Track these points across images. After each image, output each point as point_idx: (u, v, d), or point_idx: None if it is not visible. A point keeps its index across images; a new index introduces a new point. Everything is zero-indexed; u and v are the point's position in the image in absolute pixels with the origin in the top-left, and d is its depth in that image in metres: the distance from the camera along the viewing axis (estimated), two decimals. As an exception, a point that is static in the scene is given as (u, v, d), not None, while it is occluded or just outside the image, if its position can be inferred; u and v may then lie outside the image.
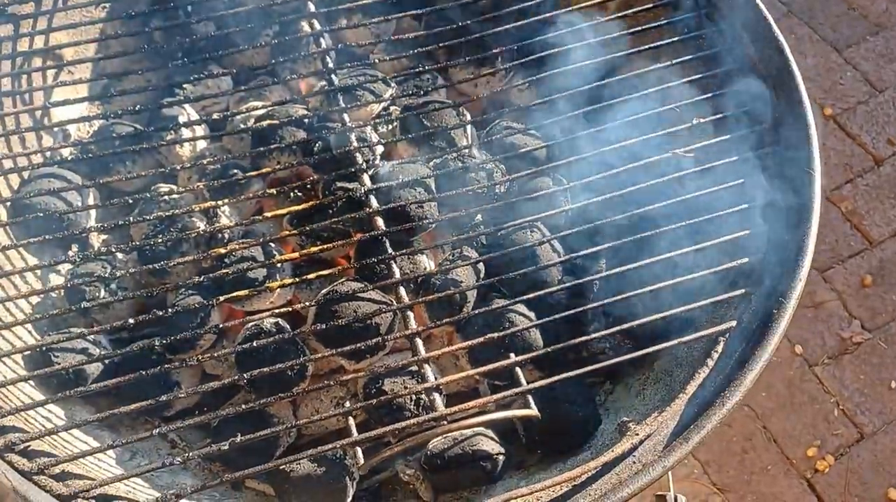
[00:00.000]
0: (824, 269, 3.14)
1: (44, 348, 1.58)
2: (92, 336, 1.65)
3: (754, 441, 2.81)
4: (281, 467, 1.45)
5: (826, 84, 3.59)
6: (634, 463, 1.38)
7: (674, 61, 1.81)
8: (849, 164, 3.38)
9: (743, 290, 1.53)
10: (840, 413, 2.86)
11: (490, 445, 1.55)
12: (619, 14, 1.91)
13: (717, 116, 1.71)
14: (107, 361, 1.64)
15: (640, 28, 1.88)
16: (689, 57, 1.83)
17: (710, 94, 1.74)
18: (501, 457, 1.56)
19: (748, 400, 2.84)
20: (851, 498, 2.70)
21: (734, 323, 1.50)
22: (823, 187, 3.24)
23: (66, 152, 1.83)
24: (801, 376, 2.92)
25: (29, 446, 1.40)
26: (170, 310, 1.55)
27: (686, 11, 1.92)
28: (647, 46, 1.87)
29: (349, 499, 1.54)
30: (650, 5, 1.93)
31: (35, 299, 1.79)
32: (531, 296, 1.57)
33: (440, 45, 1.84)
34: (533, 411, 1.40)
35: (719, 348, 1.49)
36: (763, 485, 2.73)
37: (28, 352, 1.58)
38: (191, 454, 1.39)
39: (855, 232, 3.22)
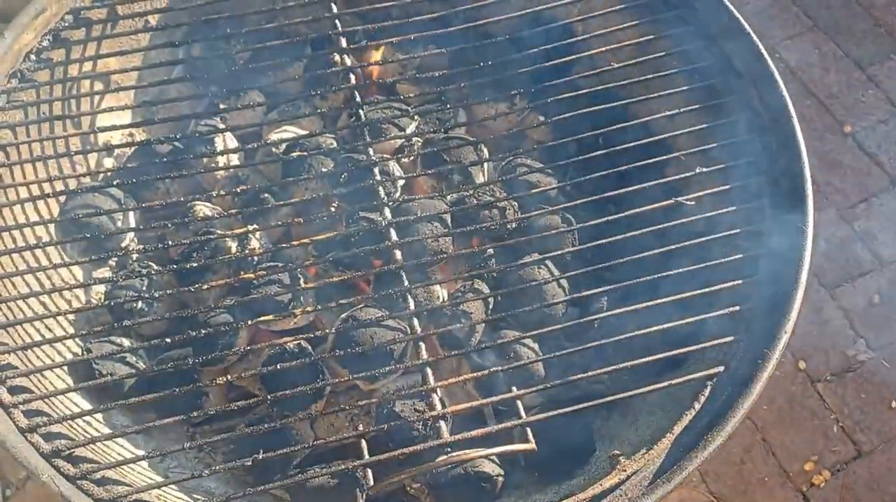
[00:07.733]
0: (833, 287, 3.18)
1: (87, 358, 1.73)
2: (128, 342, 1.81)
3: (753, 452, 2.86)
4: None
5: (848, 101, 3.60)
6: (621, 496, 1.50)
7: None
8: (864, 184, 3.42)
9: (732, 337, 1.63)
10: (839, 429, 2.89)
11: (490, 467, 1.69)
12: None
13: (720, 166, 1.80)
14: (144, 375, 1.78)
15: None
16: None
17: (714, 144, 1.84)
18: (500, 479, 1.69)
19: (750, 413, 2.92)
20: (845, 514, 2.77)
21: (722, 368, 1.61)
22: (838, 205, 3.36)
23: (110, 173, 1.97)
24: (802, 391, 2.97)
25: (73, 452, 1.55)
26: (202, 329, 1.68)
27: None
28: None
29: (359, 509, 1.68)
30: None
31: (77, 304, 1.93)
32: (535, 333, 1.69)
33: (462, 84, 1.94)
34: (530, 445, 1.52)
35: (706, 391, 1.60)
36: (759, 496, 2.78)
37: (73, 362, 1.73)
38: (216, 467, 1.53)
39: (866, 251, 3.27)
